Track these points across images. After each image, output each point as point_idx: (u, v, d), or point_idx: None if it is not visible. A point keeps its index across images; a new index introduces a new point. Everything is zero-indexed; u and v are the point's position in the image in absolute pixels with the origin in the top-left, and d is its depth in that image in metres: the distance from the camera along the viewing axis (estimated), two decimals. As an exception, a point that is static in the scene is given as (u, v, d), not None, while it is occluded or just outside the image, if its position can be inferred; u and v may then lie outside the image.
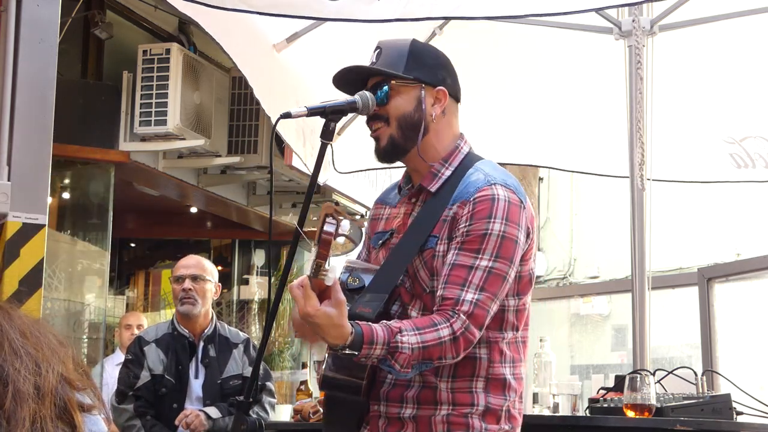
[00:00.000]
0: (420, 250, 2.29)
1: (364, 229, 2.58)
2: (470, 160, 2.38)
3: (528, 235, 2.30)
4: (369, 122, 2.38)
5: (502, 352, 2.30)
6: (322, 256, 2.01)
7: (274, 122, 2.43)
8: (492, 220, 2.23)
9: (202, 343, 4.32)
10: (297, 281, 2.09)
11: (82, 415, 1.32)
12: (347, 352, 2.08)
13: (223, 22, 3.91)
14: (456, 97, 2.42)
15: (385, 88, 2.33)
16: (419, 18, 3.17)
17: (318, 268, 2.03)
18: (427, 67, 2.37)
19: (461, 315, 2.16)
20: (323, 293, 2.07)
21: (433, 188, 2.35)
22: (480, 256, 2.20)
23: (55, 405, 1.28)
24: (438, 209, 2.31)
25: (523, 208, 2.28)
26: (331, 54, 4.49)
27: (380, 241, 2.43)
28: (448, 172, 2.35)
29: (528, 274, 2.34)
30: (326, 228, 2.00)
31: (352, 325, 2.08)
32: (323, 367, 2.31)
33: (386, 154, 2.38)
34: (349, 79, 2.39)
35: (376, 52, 2.39)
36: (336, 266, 2.08)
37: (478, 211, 2.24)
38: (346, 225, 2.06)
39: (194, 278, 4.33)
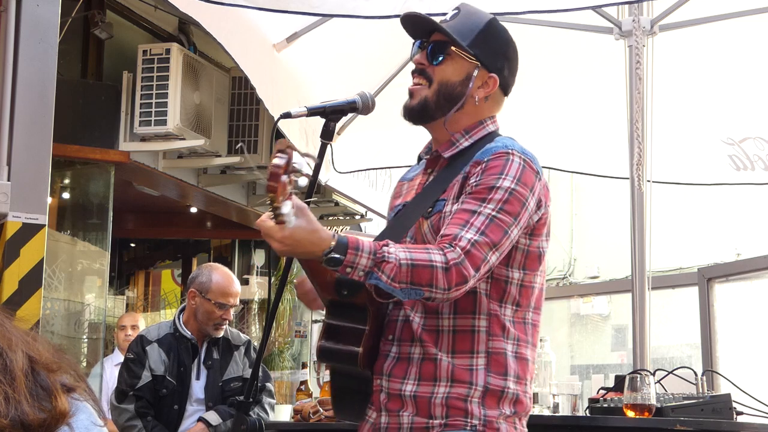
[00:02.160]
0: (428, 215, 2.26)
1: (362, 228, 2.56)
2: (492, 137, 2.36)
3: (539, 206, 2.24)
4: (413, 73, 2.35)
5: (504, 327, 2.23)
6: (270, 189, 1.92)
7: (274, 122, 2.43)
8: (503, 176, 2.19)
9: (206, 345, 4.31)
10: (264, 215, 2.03)
11: (68, 396, 1.33)
12: (333, 256, 2.03)
13: (224, 23, 3.91)
14: (505, 90, 2.41)
15: (445, 51, 2.32)
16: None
17: (272, 206, 1.95)
18: (491, 50, 2.35)
19: (457, 248, 2.09)
20: None
21: (447, 154, 2.33)
22: (485, 204, 2.15)
23: (27, 387, 1.28)
24: (451, 176, 2.29)
25: (539, 179, 2.25)
26: (330, 54, 4.49)
27: (393, 214, 2.42)
28: (466, 143, 2.33)
29: (537, 250, 2.28)
30: (275, 161, 1.92)
31: (334, 234, 2.06)
32: (318, 338, 2.27)
33: (411, 113, 2.35)
34: (415, 22, 2.37)
35: (454, 12, 2.37)
36: (290, 201, 1.96)
37: (490, 167, 2.21)
38: (300, 160, 1.96)
39: (234, 306, 4.33)
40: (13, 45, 4.39)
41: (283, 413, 4.70)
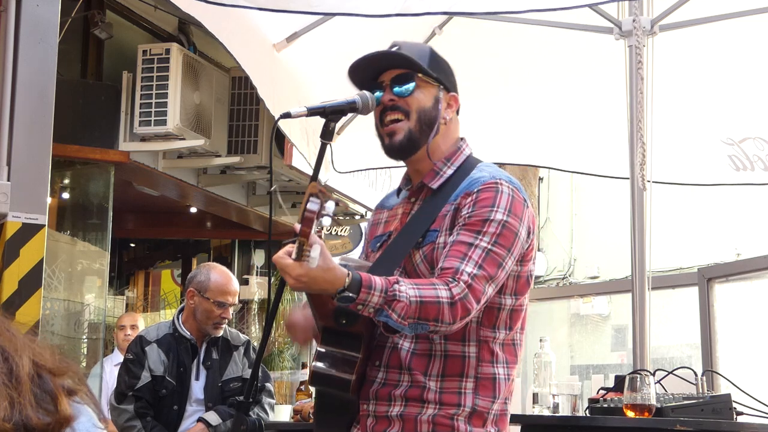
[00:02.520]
0: (419, 246, 2.29)
1: (364, 233, 2.58)
2: (472, 161, 2.40)
3: (529, 234, 2.30)
4: (385, 112, 2.35)
5: (493, 353, 2.29)
6: (304, 234, 1.98)
7: (275, 122, 2.43)
8: (495, 208, 2.24)
9: (205, 345, 4.31)
10: (282, 251, 2.08)
11: (69, 400, 1.34)
12: (347, 294, 2.07)
13: (225, 23, 3.91)
14: (457, 108, 2.46)
15: (412, 79, 2.34)
16: (418, 13, 3.17)
17: (300, 248, 2.00)
18: (443, 72, 2.41)
19: (461, 283, 2.15)
20: None
21: (434, 185, 2.36)
22: (480, 237, 2.21)
23: (32, 392, 1.30)
24: (438, 206, 2.32)
25: (527, 207, 2.30)
26: (330, 53, 4.49)
27: (378, 244, 2.43)
28: (450, 171, 2.37)
29: (526, 276, 2.35)
30: (309, 206, 1.97)
31: (348, 272, 2.09)
32: (311, 362, 2.30)
33: (401, 148, 2.36)
34: (366, 68, 2.38)
35: (396, 48, 2.39)
36: (318, 244, 2.02)
37: (481, 199, 2.26)
38: (330, 205, 2.02)
39: (233, 305, 4.33)
40: (13, 45, 4.39)
41: (283, 413, 4.69)
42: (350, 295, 2.07)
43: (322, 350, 2.27)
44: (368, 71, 2.38)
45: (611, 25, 4.13)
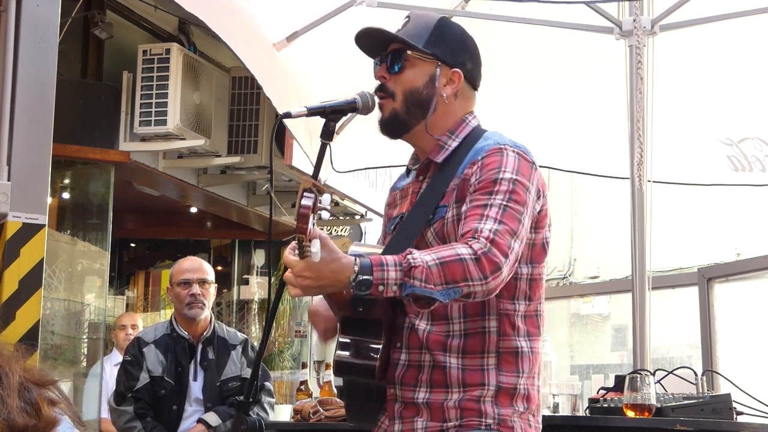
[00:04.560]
0: (430, 223, 2.25)
1: (363, 232, 2.57)
2: (478, 132, 2.35)
3: (539, 196, 2.25)
4: (377, 90, 2.34)
5: (514, 326, 2.23)
6: (301, 231, 1.94)
7: (275, 122, 2.42)
8: (502, 169, 2.19)
9: (201, 346, 4.31)
10: (288, 249, 2.06)
11: (51, 408, 1.44)
12: (361, 278, 2.02)
13: (227, 22, 3.91)
14: (473, 83, 2.39)
15: (401, 57, 2.30)
16: None
17: (301, 245, 1.97)
18: (448, 46, 2.33)
19: (481, 239, 2.08)
20: None
21: (439, 159, 2.31)
22: (493, 196, 2.16)
23: (20, 397, 1.41)
24: (446, 180, 2.27)
25: (534, 169, 2.25)
26: (330, 53, 4.49)
27: (392, 226, 2.40)
28: (454, 144, 2.32)
29: (541, 242, 2.29)
30: (304, 202, 1.93)
31: (354, 258, 2.04)
32: (335, 351, 2.27)
33: (386, 126, 2.34)
34: (370, 40, 2.35)
35: (405, 20, 2.36)
36: (317, 238, 1.97)
37: (487, 164, 2.21)
38: (326, 198, 1.98)
39: (201, 282, 4.32)
40: (13, 45, 4.38)
41: (283, 413, 4.69)
42: (365, 278, 2.02)
43: (344, 340, 2.25)
44: (378, 39, 2.34)
45: (611, 25, 4.14)
